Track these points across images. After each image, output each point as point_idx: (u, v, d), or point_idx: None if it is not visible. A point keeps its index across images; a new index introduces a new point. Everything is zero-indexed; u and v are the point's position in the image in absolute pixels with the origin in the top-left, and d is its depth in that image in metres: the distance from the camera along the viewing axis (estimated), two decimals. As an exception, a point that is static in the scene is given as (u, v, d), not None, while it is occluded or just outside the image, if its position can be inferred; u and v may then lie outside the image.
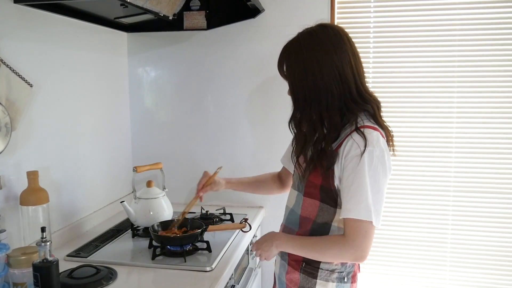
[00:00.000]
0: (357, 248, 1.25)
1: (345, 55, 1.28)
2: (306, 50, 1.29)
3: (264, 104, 2.27)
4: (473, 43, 2.07)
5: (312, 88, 1.28)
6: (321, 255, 1.33)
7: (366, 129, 1.27)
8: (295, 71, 1.32)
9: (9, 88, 1.47)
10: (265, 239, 1.44)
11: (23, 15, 1.58)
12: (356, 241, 1.25)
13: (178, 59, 2.35)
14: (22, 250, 1.30)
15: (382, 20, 2.15)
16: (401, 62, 2.15)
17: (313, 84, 1.28)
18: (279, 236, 1.43)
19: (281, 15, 2.19)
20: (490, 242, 2.15)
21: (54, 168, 1.76)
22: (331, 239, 1.32)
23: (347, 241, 1.26)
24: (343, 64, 1.27)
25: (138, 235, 1.88)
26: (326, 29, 1.31)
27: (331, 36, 1.29)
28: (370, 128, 1.28)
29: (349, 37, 1.32)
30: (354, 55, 1.30)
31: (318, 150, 1.31)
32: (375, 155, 1.24)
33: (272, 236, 1.44)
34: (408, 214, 2.21)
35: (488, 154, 2.11)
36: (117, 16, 2.05)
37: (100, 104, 2.12)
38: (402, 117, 2.17)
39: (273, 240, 1.41)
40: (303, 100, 1.31)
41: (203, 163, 2.34)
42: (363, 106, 1.30)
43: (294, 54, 1.32)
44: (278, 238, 1.41)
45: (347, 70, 1.28)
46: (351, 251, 1.26)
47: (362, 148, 1.23)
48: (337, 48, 1.28)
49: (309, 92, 1.29)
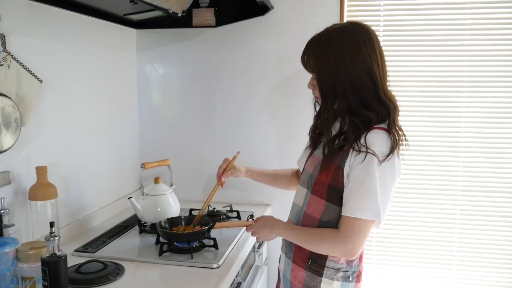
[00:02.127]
0: (348, 243, 1.27)
1: (374, 54, 1.29)
2: (336, 44, 1.29)
3: (273, 101, 2.27)
4: (484, 43, 2.05)
5: (345, 82, 1.28)
6: (314, 246, 1.35)
7: (378, 130, 1.27)
8: (324, 64, 1.31)
9: (19, 83, 1.47)
10: (264, 225, 1.46)
11: (33, 11, 1.59)
12: (349, 237, 1.27)
13: (187, 56, 2.35)
14: (31, 244, 1.31)
15: (392, 19, 2.13)
16: (410, 61, 2.13)
17: (345, 76, 1.28)
18: (278, 224, 1.45)
19: (290, 13, 2.18)
20: (497, 241, 2.14)
21: (62, 163, 1.76)
22: (325, 233, 1.33)
23: (340, 236, 1.28)
24: (372, 61, 1.28)
25: (145, 231, 1.89)
26: (358, 26, 1.32)
27: (362, 34, 1.30)
28: (382, 129, 1.28)
29: (377, 37, 1.33)
30: (381, 55, 1.31)
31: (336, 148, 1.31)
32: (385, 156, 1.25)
33: (271, 223, 1.46)
34: (415, 214, 2.20)
35: (496, 154, 2.10)
36: (126, 12, 2.06)
37: (108, 100, 2.12)
38: (411, 116, 2.16)
39: (273, 228, 1.44)
40: (332, 94, 1.31)
41: (210, 160, 2.33)
42: (384, 105, 1.30)
43: (323, 48, 1.31)
44: (277, 227, 1.44)
45: (375, 68, 1.28)
46: (341, 246, 1.28)
47: (373, 148, 1.23)
48: (367, 45, 1.28)
49: (339, 85, 1.29)
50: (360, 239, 1.27)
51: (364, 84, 1.28)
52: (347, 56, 1.27)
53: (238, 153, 1.77)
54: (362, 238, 1.27)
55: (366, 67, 1.27)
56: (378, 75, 1.29)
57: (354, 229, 1.26)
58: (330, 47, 1.30)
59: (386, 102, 1.30)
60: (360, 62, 1.27)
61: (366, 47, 1.28)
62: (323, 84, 1.33)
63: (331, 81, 1.30)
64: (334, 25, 1.35)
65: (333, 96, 1.31)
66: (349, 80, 1.28)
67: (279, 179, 1.76)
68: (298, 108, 2.20)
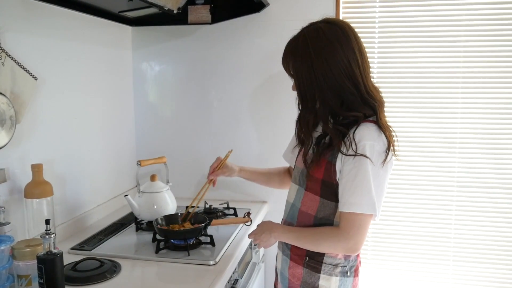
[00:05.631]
0: (350, 240, 1.27)
1: (352, 53, 1.27)
2: (313, 48, 1.28)
3: (269, 98, 2.27)
4: (479, 39, 2.05)
5: (323, 86, 1.28)
6: (316, 246, 1.34)
7: (368, 123, 1.27)
8: (302, 69, 1.30)
9: (13, 81, 1.47)
10: (263, 230, 1.45)
11: (28, 8, 1.58)
12: (350, 233, 1.27)
13: (183, 53, 2.34)
14: (27, 242, 1.31)
15: (388, 15, 2.13)
16: (406, 58, 2.13)
17: (323, 81, 1.27)
18: (277, 227, 1.45)
19: (286, 9, 2.18)
20: (493, 237, 2.15)
21: (58, 161, 1.76)
22: (325, 231, 1.33)
23: (341, 233, 1.28)
24: (350, 62, 1.27)
25: (142, 228, 1.89)
26: (333, 26, 1.30)
27: (338, 34, 1.28)
28: (372, 122, 1.28)
29: (355, 33, 1.31)
30: (360, 52, 1.30)
31: (324, 145, 1.31)
32: (376, 149, 1.25)
33: (270, 227, 1.45)
34: (411, 210, 2.21)
35: (492, 150, 2.10)
36: (121, 9, 2.05)
37: (104, 97, 2.12)
38: (406, 112, 2.16)
39: (271, 232, 1.43)
40: (312, 98, 1.31)
41: (206, 158, 2.32)
42: (368, 104, 1.29)
43: (300, 52, 1.31)
44: (276, 230, 1.43)
45: (354, 68, 1.27)
46: (344, 243, 1.28)
47: (364, 142, 1.24)
48: (344, 46, 1.27)
49: (318, 90, 1.29)
50: (361, 234, 1.27)
51: (345, 88, 1.27)
52: (324, 60, 1.26)
53: (230, 152, 1.75)
54: (363, 233, 1.27)
55: (345, 69, 1.26)
56: (358, 74, 1.28)
57: (354, 225, 1.26)
58: (307, 52, 1.29)
59: (370, 101, 1.29)
60: (338, 65, 1.26)
61: (343, 48, 1.27)
62: (302, 90, 1.33)
63: (310, 86, 1.30)
64: (310, 25, 1.33)
65: (313, 101, 1.31)
66: (328, 85, 1.27)
67: (272, 178, 1.76)
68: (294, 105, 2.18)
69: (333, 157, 1.29)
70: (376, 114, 1.30)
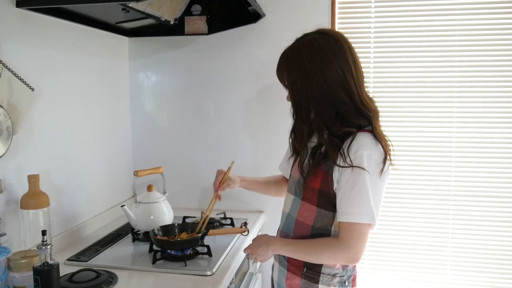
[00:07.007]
0: (350, 250, 1.27)
1: (346, 64, 1.28)
2: (307, 59, 1.28)
3: (265, 109, 2.27)
4: (473, 48, 2.07)
5: (317, 97, 1.28)
6: (316, 258, 1.34)
7: (365, 133, 1.28)
8: (297, 80, 1.31)
9: (10, 92, 1.47)
10: (260, 244, 1.44)
11: (25, 19, 1.59)
12: (350, 243, 1.27)
13: (179, 63, 2.35)
14: (23, 253, 1.30)
15: (383, 24, 2.15)
16: (401, 67, 2.15)
17: (317, 92, 1.28)
18: (274, 241, 1.43)
19: (282, 20, 2.20)
20: (491, 246, 2.15)
21: (55, 172, 1.76)
22: (325, 242, 1.32)
23: (341, 244, 1.28)
24: (344, 73, 1.27)
25: (139, 239, 1.88)
26: (327, 37, 1.31)
27: (333, 45, 1.29)
28: (368, 132, 1.29)
29: (349, 44, 1.32)
30: (355, 63, 1.30)
31: (320, 155, 1.32)
32: (373, 158, 1.25)
33: (267, 241, 1.44)
34: (408, 218, 2.21)
35: (488, 158, 2.11)
36: (118, 20, 2.06)
37: (101, 108, 2.12)
38: (402, 121, 2.17)
39: (269, 245, 1.41)
40: (306, 109, 1.31)
41: (203, 168, 2.34)
42: (362, 114, 1.30)
43: (295, 63, 1.31)
44: (273, 243, 1.42)
45: (349, 79, 1.28)
46: (344, 253, 1.28)
47: (361, 151, 1.24)
48: (338, 57, 1.28)
49: (313, 100, 1.29)
50: (361, 244, 1.27)
51: (339, 98, 1.27)
52: (318, 71, 1.27)
53: (232, 164, 1.75)
54: (363, 243, 1.27)
55: (339, 80, 1.27)
56: (353, 85, 1.28)
57: (354, 234, 1.26)
58: (301, 63, 1.29)
59: (365, 111, 1.30)
60: (332, 76, 1.26)
61: (337, 59, 1.27)
62: (297, 100, 1.33)
63: (305, 97, 1.30)
64: (304, 36, 1.34)
65: (307, 111, 1.32)
66: (323, 95, 1.28)
67: (270, 187, 1.76)
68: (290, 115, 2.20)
69: (330, 167, 1.30)
70: (372, 124, 1.30)
